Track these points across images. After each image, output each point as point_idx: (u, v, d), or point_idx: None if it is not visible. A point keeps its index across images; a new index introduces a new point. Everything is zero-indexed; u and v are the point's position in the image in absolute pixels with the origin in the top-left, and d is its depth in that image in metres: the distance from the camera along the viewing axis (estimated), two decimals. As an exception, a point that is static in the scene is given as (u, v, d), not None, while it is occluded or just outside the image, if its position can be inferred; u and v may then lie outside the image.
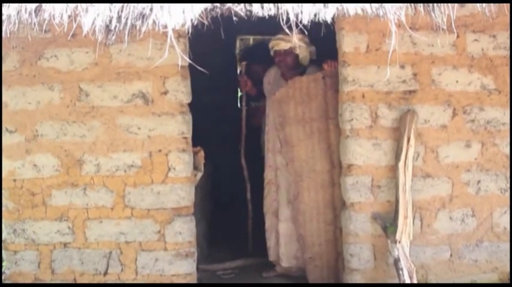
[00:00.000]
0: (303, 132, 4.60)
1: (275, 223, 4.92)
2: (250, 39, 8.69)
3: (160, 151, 4.27)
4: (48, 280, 4.37)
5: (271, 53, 4.90)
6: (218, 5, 3.21)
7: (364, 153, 4.28)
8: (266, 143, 5.00)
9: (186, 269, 4.36)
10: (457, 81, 4.29)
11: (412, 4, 3.33)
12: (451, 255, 4.40)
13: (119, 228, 4.33)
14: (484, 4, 3.42)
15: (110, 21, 3.23)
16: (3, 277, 4.48)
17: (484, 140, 4.34)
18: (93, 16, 3.24)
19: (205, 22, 3.25)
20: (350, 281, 4.38)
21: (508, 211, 4.39)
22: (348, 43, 4.22)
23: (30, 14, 3.33)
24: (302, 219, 4.66)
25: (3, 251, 4.50)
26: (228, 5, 3.19)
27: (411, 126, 4.17)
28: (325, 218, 4.64)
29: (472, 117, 4.32)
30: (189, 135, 4.34)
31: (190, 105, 4.35)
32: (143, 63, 4.18)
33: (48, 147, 4.30)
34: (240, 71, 5.24)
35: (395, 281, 4.10)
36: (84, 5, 3.28)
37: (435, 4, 3.34)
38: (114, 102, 4.25)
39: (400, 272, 4.01)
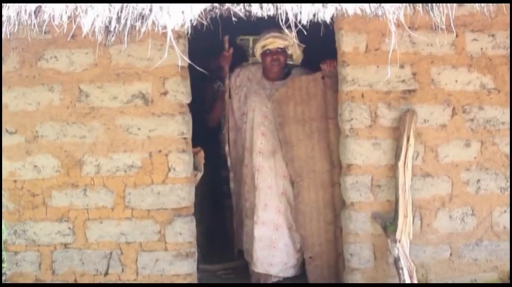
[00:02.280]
0: (303, 132, 4.61)
1: (248, 225, 4.88)
2: (250, 39, 8.69)
3: (160, 151, 4.27)
4: (48, 280, 4.38)
5: (258, 52, 4.83)
6: (217, 5, 3.21)
7: (363, 153, 4.28)
8: (243, 142, 4.93)
9: (187, 269, 4.36)
10: (456, 81, 4.29)
11: (411, 4, 3.33)
12: (451, 254, 4.40)
13: (120, 228, 4.33)
14: (482, 4, 3.43)
15: (110, 22, 3.23)
16: (3, 278, 4.49)
17: (484, 139, 4.34)
18: (93, 17, 3.24)
19: (205, 23, 3.26)
20: (350, 281, 4.38)
21: (508, 210, 4.39)
22: (347, 43, 4.22)
23: (29, 15, 3.33)
24: (302, 219, 4.66)
25: (3, 252, 4.51)
26: (227, 5, 3.20)
27: (411, 126, 4.17)
28: (325, 218, 4.65)
29: (471, 117, 4.32)
30: (189, 135, 4.34)
31: (189, 105, 4.36)
32: (143, 63, 4.18)
33: (48, 148, 4.30)
34: (223, 45, 4.90)
35: (396, 280, 4.11)
36: (83, 6, 3.28)
37: (434, 4, 3.35)
38: (114, 103, 4.25)
39: (400, 271, 4.02)
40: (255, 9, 3.20)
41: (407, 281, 3.99)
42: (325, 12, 3.25)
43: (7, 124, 4.29)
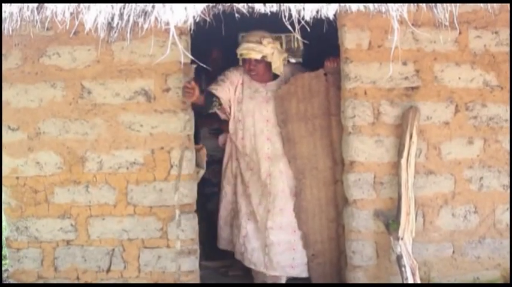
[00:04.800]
0: (305, 130, 4.59)
1: (248, 228, 4.75)
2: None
3: (162, 148, 4.27)
4: (51, 277, 4.38)
5: (238, 55, 4.58)
6: (220, 2, 3.21)
7: (366, 150, 4.28)
8: (243, 149, 4.71)
9: (189, 266, 4.36)
10: (459, 78, 4.29)
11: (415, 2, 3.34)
12: (453, 252, 4.40)
13: (122, 225, 4.33)
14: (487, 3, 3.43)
15: (112, 19, 3.23)
16: (6, 275, 4.49)
17: (487, 136, 4.34)
18: (95, 13, 3.24)
19: (208, 19, 3.25)
20: (352, 278, 4.38)
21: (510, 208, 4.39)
22: (350, 40, 4.21)
23: (32, 11, 3.33)
24: (304, 216, 4.65)
25: (6, 249, 4.51)
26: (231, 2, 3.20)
27: (413, 123, 4.17)
28: (328, 215, 4.64)
29: (474, 114, 4.31)
30: (191, 132, 4.34)
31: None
32: (145, 60, 4.18)
33: (50, 144, 4.30)
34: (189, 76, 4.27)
35: (398, 278, 4.10)
36: (86, 2, 3.28)
37: (438, 2, 3.35)
38: (116, 100, 4.25)
39: (403, 269, 4.01)
40: (258, 6, 3.20)
41: (410, 279, 3.99)
42: (329, 9, 3.25)
43: (9, 121, 4.29)
